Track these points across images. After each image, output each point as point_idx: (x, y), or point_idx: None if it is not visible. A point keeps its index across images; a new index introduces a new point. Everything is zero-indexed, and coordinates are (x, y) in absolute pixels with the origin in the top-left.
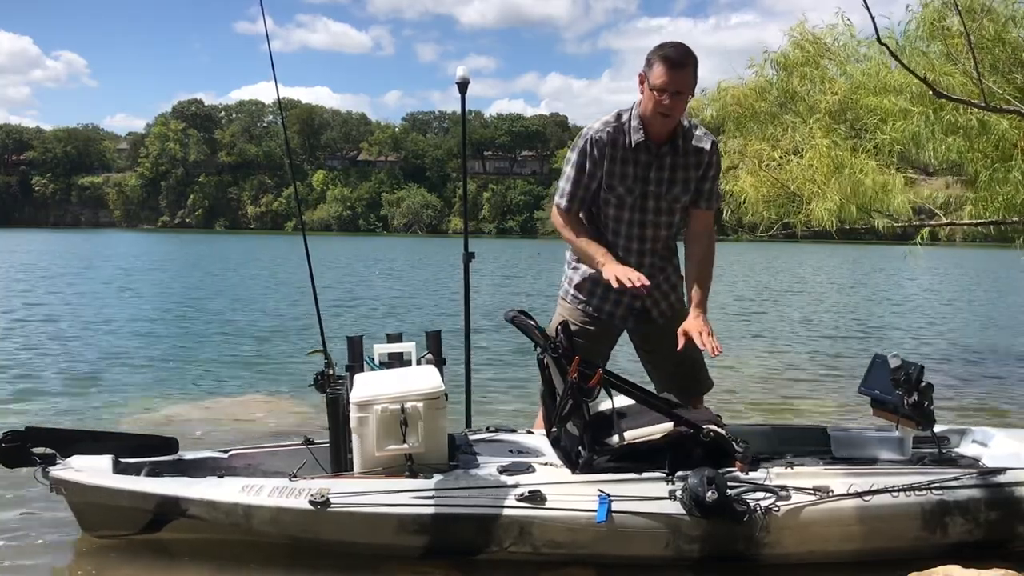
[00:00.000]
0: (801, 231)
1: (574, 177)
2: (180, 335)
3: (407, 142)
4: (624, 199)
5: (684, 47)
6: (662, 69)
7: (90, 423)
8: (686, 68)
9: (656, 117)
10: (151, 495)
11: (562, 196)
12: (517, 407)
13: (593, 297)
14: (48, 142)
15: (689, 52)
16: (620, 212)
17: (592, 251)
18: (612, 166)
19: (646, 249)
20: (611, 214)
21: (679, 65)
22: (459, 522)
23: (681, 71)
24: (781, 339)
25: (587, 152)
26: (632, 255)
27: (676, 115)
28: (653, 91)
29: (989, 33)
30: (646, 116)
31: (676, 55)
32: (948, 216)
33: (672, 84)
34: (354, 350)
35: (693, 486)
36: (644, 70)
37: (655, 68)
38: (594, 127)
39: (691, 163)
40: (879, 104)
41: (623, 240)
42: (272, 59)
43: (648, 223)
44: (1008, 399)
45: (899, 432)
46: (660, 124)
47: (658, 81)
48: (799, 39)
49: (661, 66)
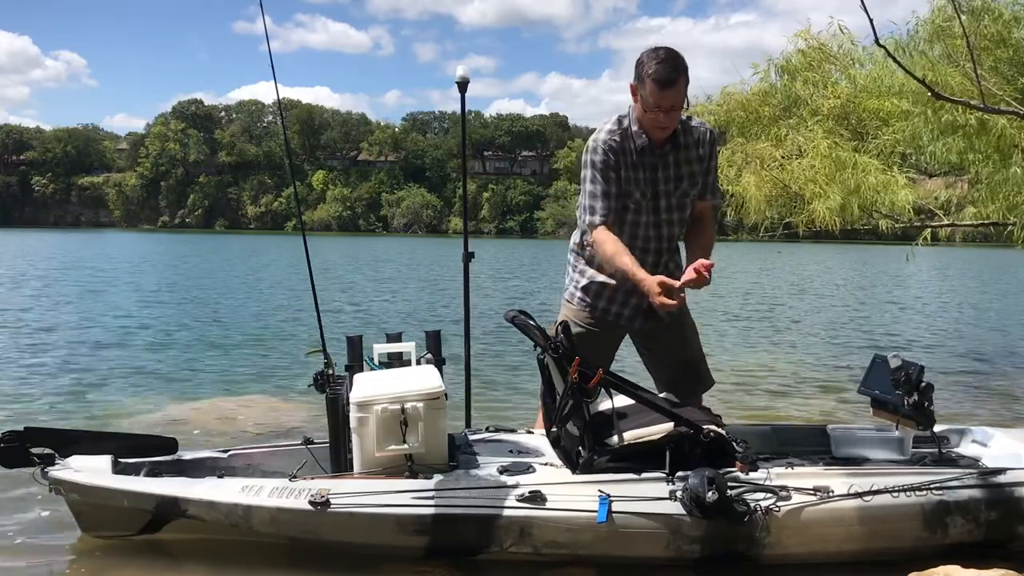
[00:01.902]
0: (803, 231)
1: (603, 188)
2: (180, 335)
3: (407, 142)
4: (640, 203)
5: (672, 61)
6: (654, 88)
7: (89, 423)
8: (676, 84)
9: (653, 130)
10: (150, 495)
11: (594, 212)
12: (517, 407)
13: (600, 299)
14: (48, 142)
15: (678, 66)
16: (637, 216)
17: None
18: (626, 172)
19: (663, 248)
20: (628, 219)
21: (669, 83)
22: (459, 522)
23: (672, 89)
24: (781, 339)
25: (608, 161)
26: (650, 255)
27: (672, 126)
28: (646, 110)
29: (991, 34)
30: (643, 124)
31: (665, 74)
32: (948, 216)
33: (664, 102)
34: (354, 350)
35: (693, 486)
36: (635, 82)
37: (646, 86)
38: (602, 135)
39: (693, 156)
40: (880, 106)
41: (640, 242)
42: (272, 59)
43: (663, 223)
44: (1008, 399)
45: (899, 432)
46: (658, 133)
47: (651, 99)
48: (804, 46)
49: (653, 86)
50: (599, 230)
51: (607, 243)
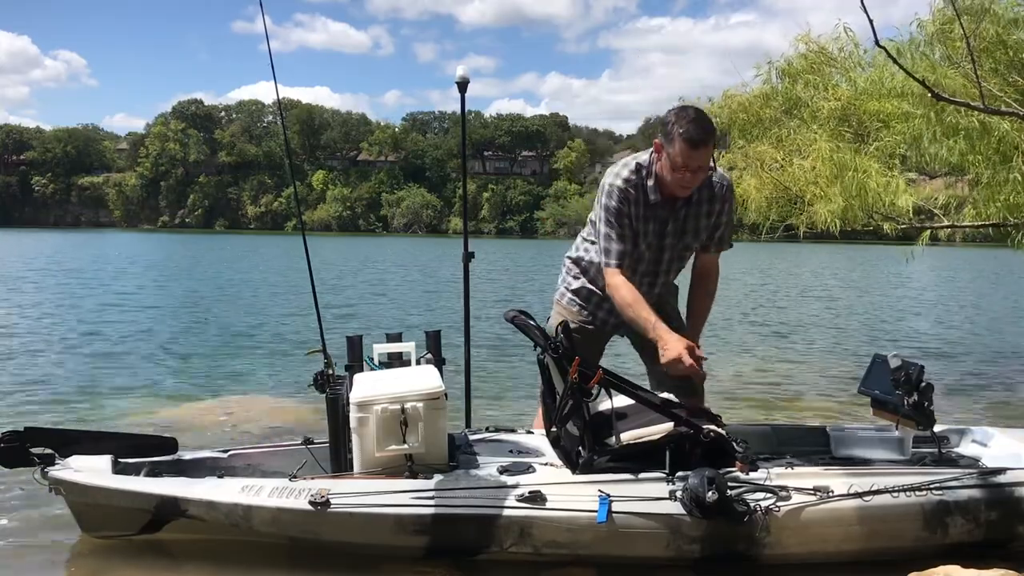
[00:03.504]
0: (803, 232)
1: (617, 231)
2: (180, 335)
3: (407, 142)
4: (644, 253)
5: (703, 122)
6: (684, 148)
7: (89, 423)
8: (707, 145)
9: (676, 188)
10: (150, 495)
11: (609, 255)
12: (517, 407)
13: (589, 304)
14: (48, 142)
15: (710, 127)
16: (636, 264)
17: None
18: (636, 224)
19: (656, 289)
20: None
21: (701, 144)
22: (459, 522)
23: (703, 149)
24: (781, 339)
25: (622, 209)
26: (642, 291)
27: (696, 185)
28: (674, 169)
29: (991, 36)
30: (663, 180)
31: (698, 135)
32: (948, 217)
33: (694, 162)
34: (354, 350)
35: (693, 486)
36: (662, 140)
37: (676, 145)
38: (619, 182)
39: (703, 211)
40: (881, 108)
41: (635, 280)
42: (272, 59)
43: (661, 271)
44: (1008, 399)
45: (899, 432)
46: (681, 192)
47: (679, 159)
48: (805, 50)
49: (683, 145)
50: (615, 275)
51: (623, 289)
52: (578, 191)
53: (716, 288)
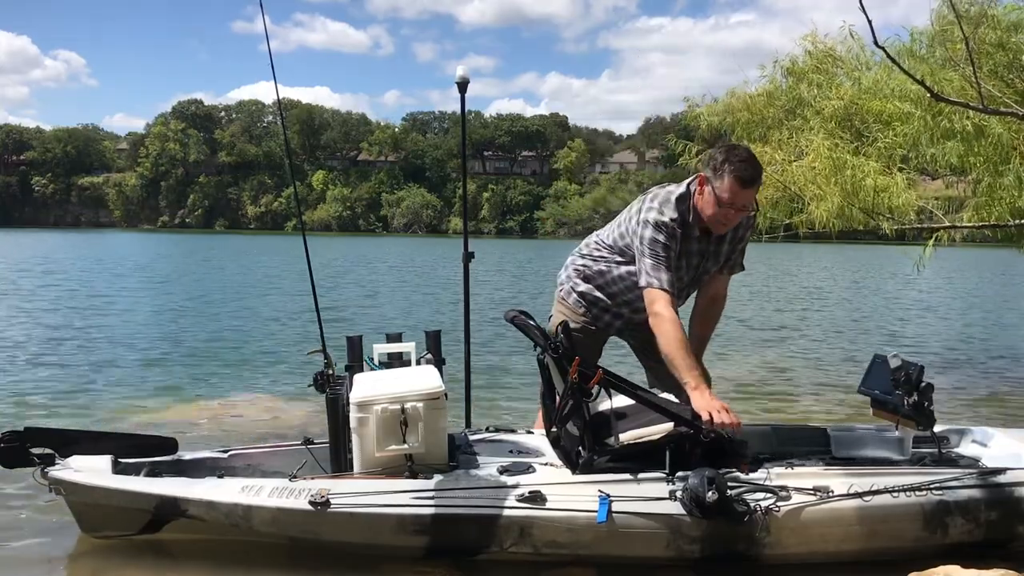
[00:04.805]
0: (803, 232)
1: (666, 262)
2: (179, 335)
3: (407, 142)
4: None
5: (756, 164)
6: (733, 185)
7: (89, 423)
8: (756, 185)
9: (715, 224)
10: (150, 495)
11: (662, 283)
12: (517, 407)
13: (594, 307)
14: (48, 142)
15: (760, 168)
16: None
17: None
18: (678, 260)
19: None
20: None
21: (750, 183)
22: (459, 522)
23: (751, 188)
24: (781, 339)
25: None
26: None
27: (735, 223)
28: (719, 205)
29: (991, 38)
30: (703, 214)
31: (748, 174)
32: (948, 217)
33: (740, 200)
34: (354, 350)
35: (693, 486)
36: (709, 175)
37: (725, 181)
38: (665, 218)
39: (726, 238)
40: (883, 108)
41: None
42: (272, 59)
43: (682, 295)
44: (1008, 399)
45: (899, 432)
46: (720, 228)
47: (725, 195)
48: (812, 48)
49: (733, 182)
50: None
51: (671, 326)
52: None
53: (721, 311)
